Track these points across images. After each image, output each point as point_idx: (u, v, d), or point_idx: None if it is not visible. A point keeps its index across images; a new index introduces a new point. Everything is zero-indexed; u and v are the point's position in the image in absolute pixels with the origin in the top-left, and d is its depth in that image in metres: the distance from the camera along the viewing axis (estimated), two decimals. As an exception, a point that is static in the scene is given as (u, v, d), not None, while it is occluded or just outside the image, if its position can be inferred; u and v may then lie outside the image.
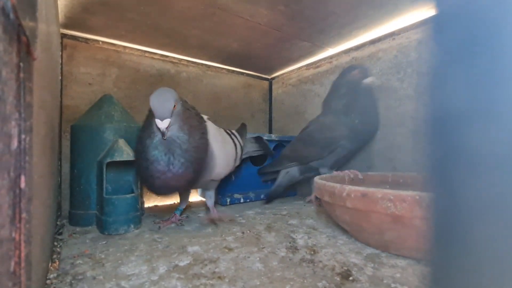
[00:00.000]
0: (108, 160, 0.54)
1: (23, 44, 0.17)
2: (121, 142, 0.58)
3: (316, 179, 0.54)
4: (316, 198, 0.72)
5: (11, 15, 0.15)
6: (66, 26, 0.66)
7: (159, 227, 0.57)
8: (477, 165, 0.10)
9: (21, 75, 0.17)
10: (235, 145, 0.67)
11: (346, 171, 0.63)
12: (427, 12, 0.62)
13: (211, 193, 0.63)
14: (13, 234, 0.16)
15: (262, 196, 0.86)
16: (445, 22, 0.11)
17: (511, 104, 0.09)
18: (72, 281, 0.34)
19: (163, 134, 0.44)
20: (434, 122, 0.12)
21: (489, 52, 0.10)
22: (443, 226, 0.11)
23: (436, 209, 0.12)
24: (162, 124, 0.43)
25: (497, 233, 0.10)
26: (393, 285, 0.33)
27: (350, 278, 0.35)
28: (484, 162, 0.10)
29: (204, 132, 0.52)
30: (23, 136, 0.17)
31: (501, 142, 0.09)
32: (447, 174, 0.11)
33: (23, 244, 0.17)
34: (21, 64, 0.17)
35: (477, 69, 0.10)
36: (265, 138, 0.86)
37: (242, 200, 0.81)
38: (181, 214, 0.63)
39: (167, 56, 0.85)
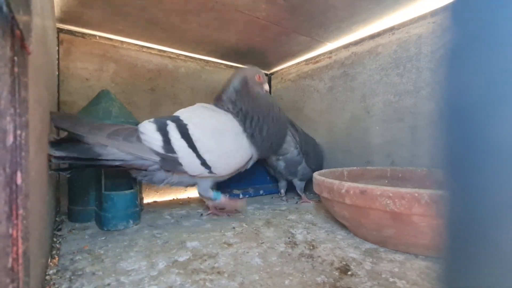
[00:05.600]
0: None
1: (17, 38, 0.17)
2: (119, 138, 0.57)
3: (315, 174, 0.54)
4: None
5: (4, 8, 0.15)
6: (62, 20, 0.65)
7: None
8: (500, 160, 0.09)
9: (16, 69, 0.17)
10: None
11: None
12: (427, 6, 0.62)
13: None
14: (10, 231, 0.16)
15: (261, 192, 0.86)
16: (464, 2, 0.10)
17: None
18: (72, 277, 0.34)
19: None
20: (452, 112, 0.10)
21: None
22: (460, 225, 0.10)
23: (453, 207, 0.11)
24: None
25: None
26: (391, 279, 0.33)
27: (349, 272, 0.35)
28: (509, 157, 0.09)
29: None
30: (18, 132, 0.17)
31: None
32: (466, 169, 0.10)
33: (20, 241, 0.17)
34: (16, 59, 0.17)
35: (500, 52, 0.09)
36: None
37: (241, 196, 0.81)
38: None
39: (164, 51, 0.84)
